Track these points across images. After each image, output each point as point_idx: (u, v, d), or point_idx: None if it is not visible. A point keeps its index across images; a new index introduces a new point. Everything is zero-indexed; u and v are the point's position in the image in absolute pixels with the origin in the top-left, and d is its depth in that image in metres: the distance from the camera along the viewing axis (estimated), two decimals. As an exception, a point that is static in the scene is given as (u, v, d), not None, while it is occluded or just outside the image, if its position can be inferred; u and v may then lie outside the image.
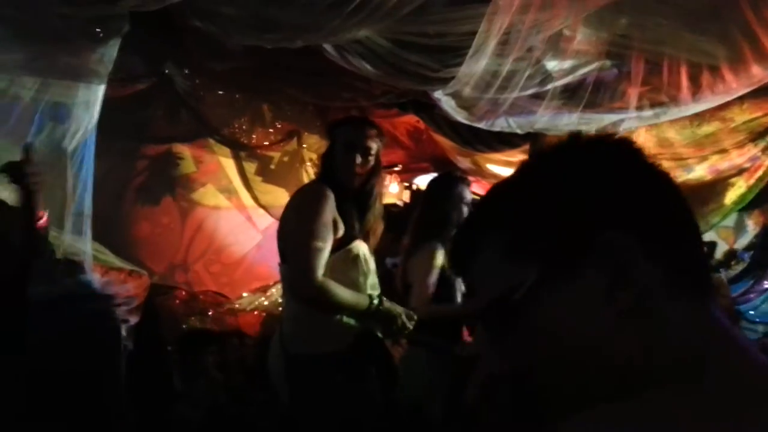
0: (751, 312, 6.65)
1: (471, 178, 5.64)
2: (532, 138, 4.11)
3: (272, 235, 2.84)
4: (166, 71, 4.23)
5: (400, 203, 5.29)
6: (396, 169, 5.38)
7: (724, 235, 7.25)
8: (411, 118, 4.61)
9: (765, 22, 2.46)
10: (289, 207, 2.65)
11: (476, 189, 6.09)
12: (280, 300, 4.37)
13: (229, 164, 5.24)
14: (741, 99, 4.02)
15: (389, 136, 4.92)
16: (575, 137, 0.72)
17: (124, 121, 4.41)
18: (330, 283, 2.40)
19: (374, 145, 2.58)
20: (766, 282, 6.73)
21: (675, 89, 2.65)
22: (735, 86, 2.77)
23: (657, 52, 2.61)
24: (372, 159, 2.59)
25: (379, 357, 2.62)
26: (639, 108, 2.89)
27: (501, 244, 0.68)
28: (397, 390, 2.64)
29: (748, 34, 2.60)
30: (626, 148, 0.72)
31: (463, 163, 5.10)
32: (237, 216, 5.36)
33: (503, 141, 4.24)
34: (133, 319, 3.05)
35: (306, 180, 4.93)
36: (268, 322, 4.27)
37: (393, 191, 5.53)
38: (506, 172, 5.19)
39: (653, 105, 2.91)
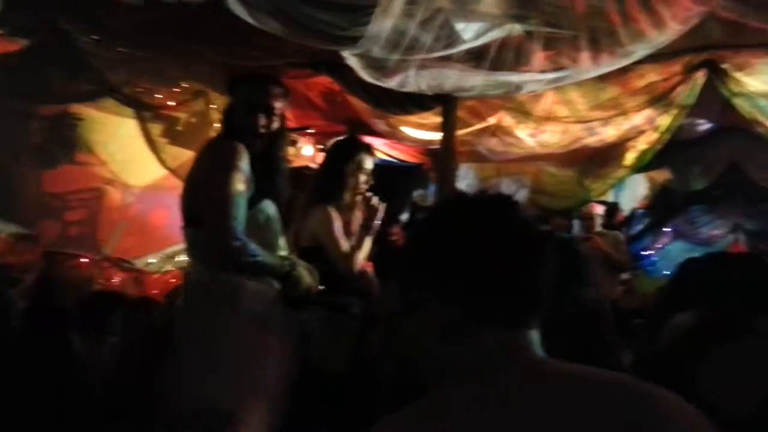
0: (650, 268, 7.11)
1: (387, 141, 5.68)
2: (444, 101, 4.15)
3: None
4: (61, 27, 3.96)
5: (314, 166, 5.22)
6: (310, 131, 5.30)
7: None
8: (325, 79, 4.53)
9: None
10: (200, 163, 2.53)
11: (393, 152, 6.15)
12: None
13: (130, 126, 4.99)
14: (640, 64, 4.21)
15: (302, 97, 4.84)
16: (455, 206, 1.09)
17: (17, 80, 4.12)
18: (251, 243, 2.34)
19: (279, 105, 2.51)
20: (663, 239, 7.20)
21: (575, 53, 2.72)
22: (631, 50, 2.87)
23: (558, 16, 2.66)
24: (276, 119, 2.51)
25: (291, 320, 2.60)
26: (542, 71, 2.96)
27: (412, 272, 1.02)
28: (305, 350, 2.64)
29: (644, 1, 2.70)
30: (495, 217, 0.99)
31: (379, 125, 5.09)
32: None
33: (416, 103, 4.25)
34: (28, 281, 2.88)
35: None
36: (175, 287, 4.15)
37: (307, 154, 5.45)
38: (421, 134, 5.22)
39: (556, 68, 2.98)
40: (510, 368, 0.92)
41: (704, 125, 5.66)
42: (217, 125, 4.93)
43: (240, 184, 2.32)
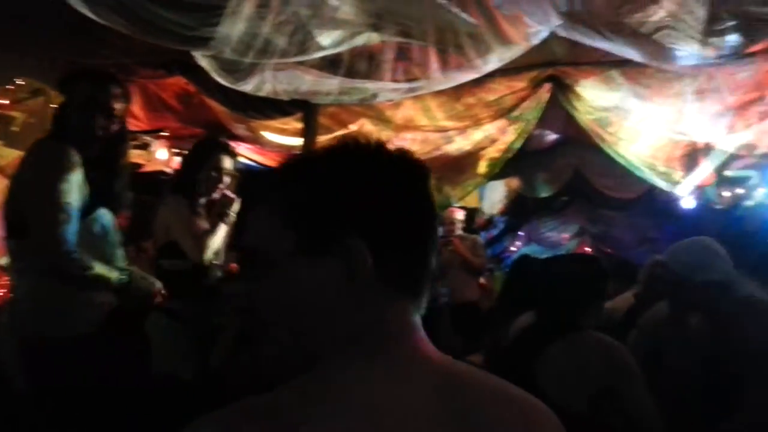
0: (506, 270, 7.51)
1: (248, 145, 5.54)
2: (305, 106, 4.12)
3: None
4: None
5: (168, 170, 4.98)
6: (164, 134, 5.06)
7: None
8: (180, 80, 4.35)
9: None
10: (26, 167, 2.31)
11: (257, 157, 6.00)
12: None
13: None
14: (491, 77, 4.42)
15: (156, 98, 4.61)
16: (356, 144, 0.87)
17: None
18: (82, 254, 2.18)
19: (118, 105, 2.36)
20: (517, 243, 7.64)
21: (426, 65, 2.80)
22: (479, 65, 3.00)
23: (412, 28, 2.72)
24: (116, 121, 2.36)
25: (132, 333, 2.45)
26: (396, 80, 3.02)
27: (280, 208, 0.83)
28: (152, 360, 2.51)
29: (488, 16, 2.83)
30: (395, 162, 0.86)
31: (239, 129, 4.96)
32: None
33: (276, 108, 4.18)
34: None
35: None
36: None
37: (161, 158, 5.18)
38: (283, 140, 5.15)
39: (410, 78, 3.06)
40: (396, 350, 0.80)
41: (551, 136, 6.06)
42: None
43: (71, 191, 2.15)
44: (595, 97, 4.40)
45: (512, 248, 7.71)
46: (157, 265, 2.85)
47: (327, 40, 3.13)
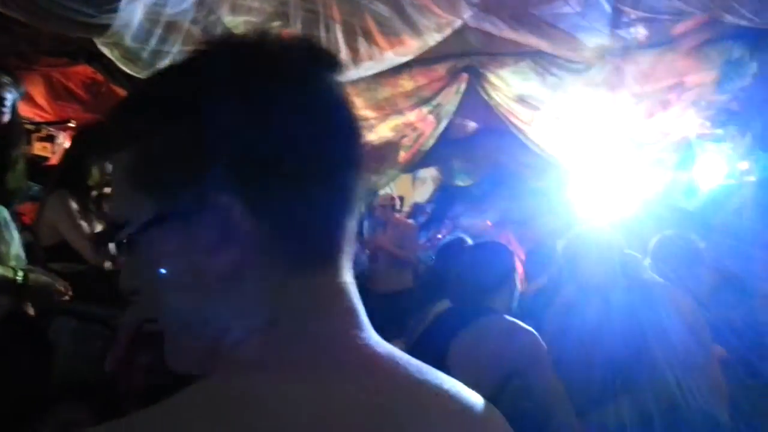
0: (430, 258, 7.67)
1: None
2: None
3: None
4: None
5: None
6: (70, 125, 4.83)
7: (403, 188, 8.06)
8: (88, 69, 4.16)
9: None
10: None
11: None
12: None
13: None
14: (410, 67, 4.45)
15: (61, 88, 4.40)
16: (229, 43, 0.62)
17: None
18: None
19: (8, 96, 2.23)
20: (443, 231, 7.75)
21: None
22: (390, 56, 3.00)
23: (317, 18, 2.69)
24: (6, 112, 2.23)
25: (29, 336, 2.34)
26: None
27: (128, 167, 0.59)
28: (53, 364, 2.40)
29: (398, 6, 2.83)
30: (286, 62, 0.60)
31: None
32: None
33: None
34: None
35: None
36: None
37: (69, 149, 4.95)
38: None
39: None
40: (312, 349, 0.57)
41: (473, 124, 6.16)
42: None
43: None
44: (509, 87, 4.50)
45: (438, 236, 7.82)
46: (48, 269, 2.56)
47: (236, 26, 3.07)
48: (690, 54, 3.69)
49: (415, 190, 8.23)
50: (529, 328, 2.32)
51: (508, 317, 2.32)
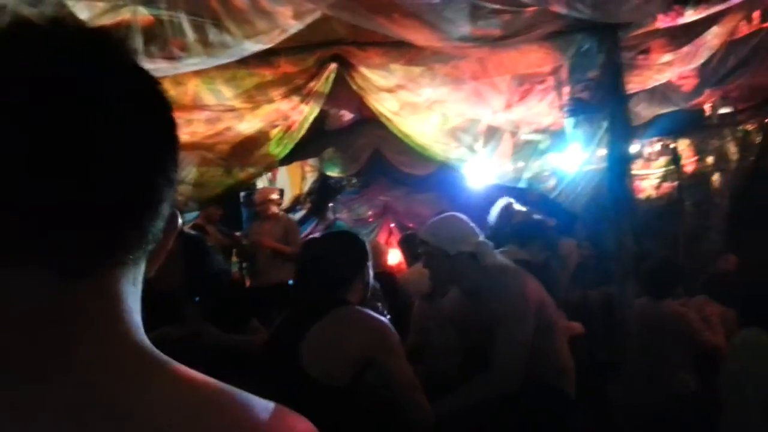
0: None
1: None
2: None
3: None
4: None
5: None
6: None
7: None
8: None
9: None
10: None
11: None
12: None
13: None
14: (278, 55, 4.36)
15: None
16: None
17: None
18: None
19: None
20: (325, 223, 7.72)
21: (181, 41, 2.65)
22: (248, 44, 2.90)
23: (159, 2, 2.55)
24: None
25: None
26: (168, 57, 2.82)
27: None
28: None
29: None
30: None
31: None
32: None
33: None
34: None
35: None
36: None
37: None
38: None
39: (167, 56, 2.87)
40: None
41: (350, 115, 6.16)
42: None
43: None
44: (378, 77, 4.51)
45: (320, 228, 7.77)
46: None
47: (85, 12, 2.86)
48: (543, 45, 3.85)
49: (305, 182, 8.14)
50: (382, 318, 2.33)
51: (359, 308, 2.32)
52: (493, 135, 5.23)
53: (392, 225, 7.79)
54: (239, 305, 3.44)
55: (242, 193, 5.97)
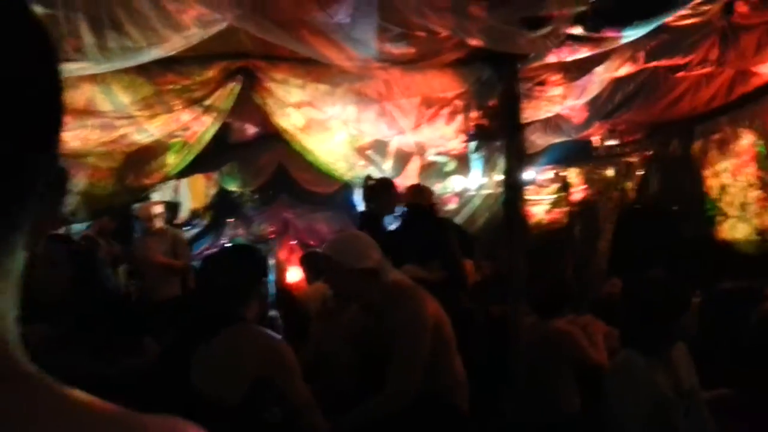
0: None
1: None
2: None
3: None
4: None
5: None
6: None
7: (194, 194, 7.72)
8: None
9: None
10: None
11: None
12: None
13: None
14: (182, 63, 4.24)
15: None
16: None
17: None
18: None
19: None
20: (224, 238, 7.53)
21: (76, 43, 2.52)
22: (150, 51, 2.80)
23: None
24: None
25: None
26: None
27: None
28: None
29: (154, 1, 2.65)
30: None
31: None
32: None
33: None
34: None
35: None
36: None
37: None
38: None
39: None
40: None
41: (252, 129, 6.06)
42: None
43: None
44: (284, 92, 4.48)
45: (219, 243, 7.56)
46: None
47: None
48: (447, 71, 3.97)
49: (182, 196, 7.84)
50: (278, 337, 2.29)
51: (256, 326, 2.27)
52: (401, 156, 5.33)
53: (293, 242, 7.70)
54: (130, 322, 3.27)
55: (135, 206, 5.70)
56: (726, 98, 5.73)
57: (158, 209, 5.82)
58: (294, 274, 6.41)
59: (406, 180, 5.28)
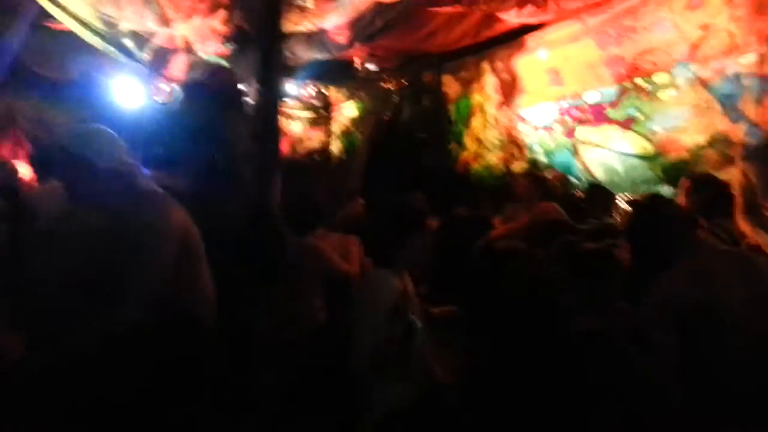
0: None
1: None
2: None
3: None
4: None
5: None
6: None
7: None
8: None
9: None
10: None
11: None
12: None
13: None
14: None
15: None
16: None
17: None
18: None
19: None
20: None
21: None
22: None
23: None
24: None
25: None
26: None
27: None
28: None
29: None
30: None
31: None
32: None
33: None
34: None
35: None
36: None
37: None
38: None
39: None
40: None
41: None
42: None
43: None
44: None
45: None
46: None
47: None
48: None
49: None
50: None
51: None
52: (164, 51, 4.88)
53: (19, 134, 6.59)
54: None
55: None
56: (474, 39, 6.18)
57: None
58: (22, 171, 5.59)
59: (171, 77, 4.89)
